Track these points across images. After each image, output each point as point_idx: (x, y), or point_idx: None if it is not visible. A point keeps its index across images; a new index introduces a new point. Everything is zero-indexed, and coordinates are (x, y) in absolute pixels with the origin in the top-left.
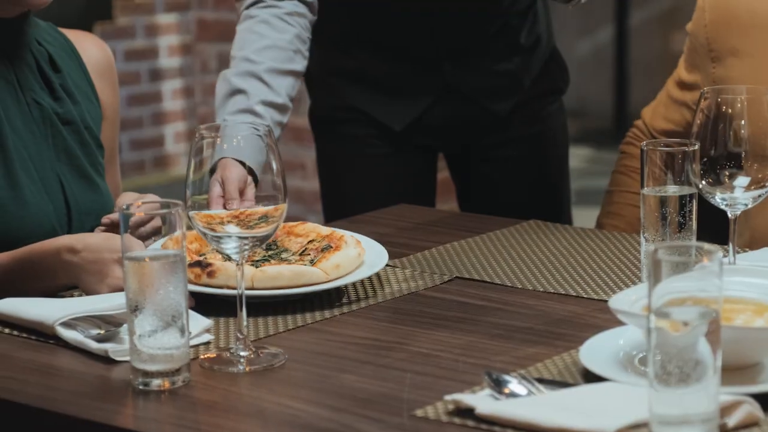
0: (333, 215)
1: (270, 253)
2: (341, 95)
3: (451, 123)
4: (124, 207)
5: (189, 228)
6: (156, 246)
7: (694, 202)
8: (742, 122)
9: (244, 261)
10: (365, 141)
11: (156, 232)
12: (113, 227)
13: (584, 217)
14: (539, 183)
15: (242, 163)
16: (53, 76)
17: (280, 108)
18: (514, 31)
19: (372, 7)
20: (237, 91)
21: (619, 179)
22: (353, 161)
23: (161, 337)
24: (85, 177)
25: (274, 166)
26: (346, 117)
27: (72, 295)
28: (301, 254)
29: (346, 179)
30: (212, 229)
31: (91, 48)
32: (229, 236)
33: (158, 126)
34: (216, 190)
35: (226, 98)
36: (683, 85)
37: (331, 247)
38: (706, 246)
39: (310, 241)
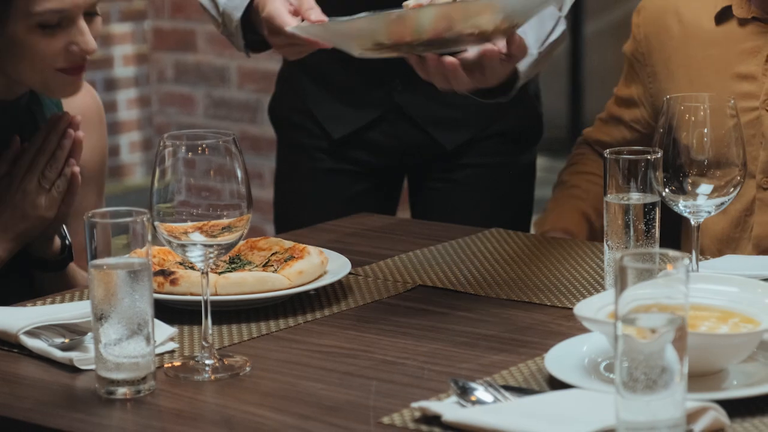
0: (279, 223)
1: (233, 266)
2: (299, 93)
3: (394, 144)
4: (89, 214)
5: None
6: None
7: (657, 210)
8: (705, 130)
9: (209, 269)
10: (311, 153)
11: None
12: None
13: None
14: (492, 207)
15: None
16: None
17: None
18: None
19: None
20: None
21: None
22: (300, 172)
23: (127, 346)
24: None
25: (239, 174)
26: (300, 123)
27: (35, 304)
28: (264, 266)
29: (293, 189)
30: (176, 238)
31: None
32: (194, 244)
33: (113, 135)
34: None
35: None
36: (621, 101)
37: (294, 257)
38: (672, 253)
39: (274, 254)
